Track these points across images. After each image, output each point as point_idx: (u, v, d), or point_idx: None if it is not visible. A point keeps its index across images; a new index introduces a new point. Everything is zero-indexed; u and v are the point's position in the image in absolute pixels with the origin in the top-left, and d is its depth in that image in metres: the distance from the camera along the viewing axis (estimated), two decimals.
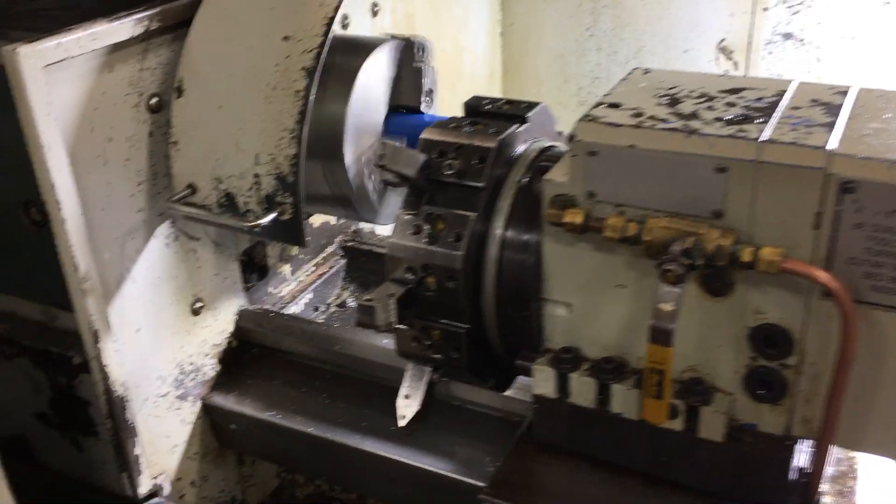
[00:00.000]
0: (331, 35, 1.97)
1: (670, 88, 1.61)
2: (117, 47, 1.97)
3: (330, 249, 2.97)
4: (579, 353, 1.65)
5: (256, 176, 2.03)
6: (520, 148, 1.75)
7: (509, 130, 1.70)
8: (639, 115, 1.50)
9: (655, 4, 3.55)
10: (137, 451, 2.21)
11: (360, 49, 2.22)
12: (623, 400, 1.59)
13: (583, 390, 1.62)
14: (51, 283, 2.23)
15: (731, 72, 3.46)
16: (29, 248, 2.27)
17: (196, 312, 2.37)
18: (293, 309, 2.76)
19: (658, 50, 3.61)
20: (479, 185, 1.65)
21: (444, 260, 1.64)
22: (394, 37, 2.31)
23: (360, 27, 2.82)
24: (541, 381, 1.65)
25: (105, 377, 2.09)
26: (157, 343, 2.26)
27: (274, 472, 2.81)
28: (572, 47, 3.79)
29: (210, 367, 2.45)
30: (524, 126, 1.75)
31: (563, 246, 1.58)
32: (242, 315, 2.54)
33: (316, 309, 2.85)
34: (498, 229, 1.68)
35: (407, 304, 1.67)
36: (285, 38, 1.97)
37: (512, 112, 1.78)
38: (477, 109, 1.82)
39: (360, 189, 2.22)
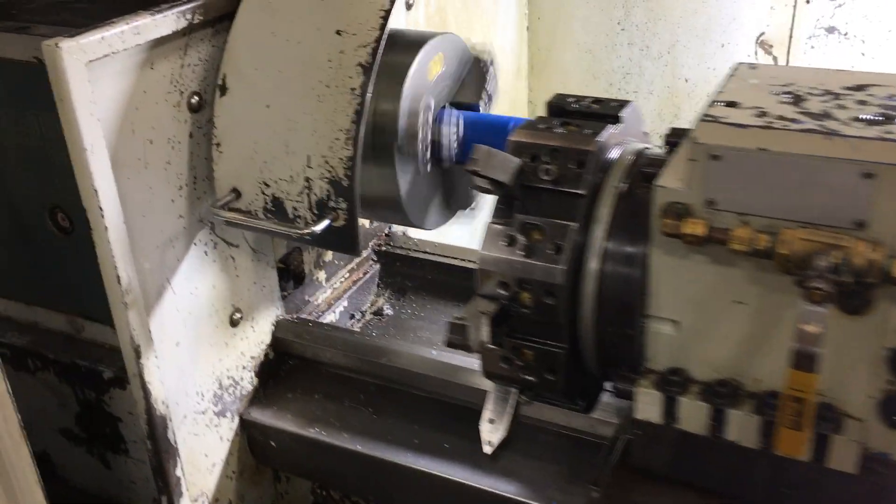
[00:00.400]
0: (387, 29, 1.85)
1: (787, 85, 1.48)
2: (159, 42, 1.85)
3: (364, 254, 2.83)
4: (687, 375, 1.51)
5: (308, 180, 1.90)
6: (614, 151, 1.61)
7: (607, 132, 1.56)
8: (763, 114, 1.37)
9: None
10: (178, 472, 2.06)
11: (410, 44, 2.09)
12: (741, 427, 1.45)
13: (694, 416, 1.48)
14: (78, 292, 2.12)
15: None
16: (54, 255, 2.16)
17: (234, 323, 2.24)
18: (329, 317, 2.63)
19: (693, 44, 3.49)
20: (580, 192, 1.51)
21: (544, 274, 1.50)
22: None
23: (395, 21, 2.70)
24: (645, 404, 1.51)
25: (147, 395, 1.95)
26: (196, 357, 2.13)
27: (308, 489, 2.68)
28: (602, 42, 3.66)
29: (248, 381, 2.32)
30: (619, 127, 1.61)
31: (674, 258, 1.44)
32: (280, 325, 2.41)
33: (352, 317, 2.72)
34: (598, 240, 1.54)
35: (498, 322, 1.53)
36: (338, 31, 1.86)
37: (603, 112, 1.64)
38: (563, 108, 1.68)
39: (409, 192, 2.08)
